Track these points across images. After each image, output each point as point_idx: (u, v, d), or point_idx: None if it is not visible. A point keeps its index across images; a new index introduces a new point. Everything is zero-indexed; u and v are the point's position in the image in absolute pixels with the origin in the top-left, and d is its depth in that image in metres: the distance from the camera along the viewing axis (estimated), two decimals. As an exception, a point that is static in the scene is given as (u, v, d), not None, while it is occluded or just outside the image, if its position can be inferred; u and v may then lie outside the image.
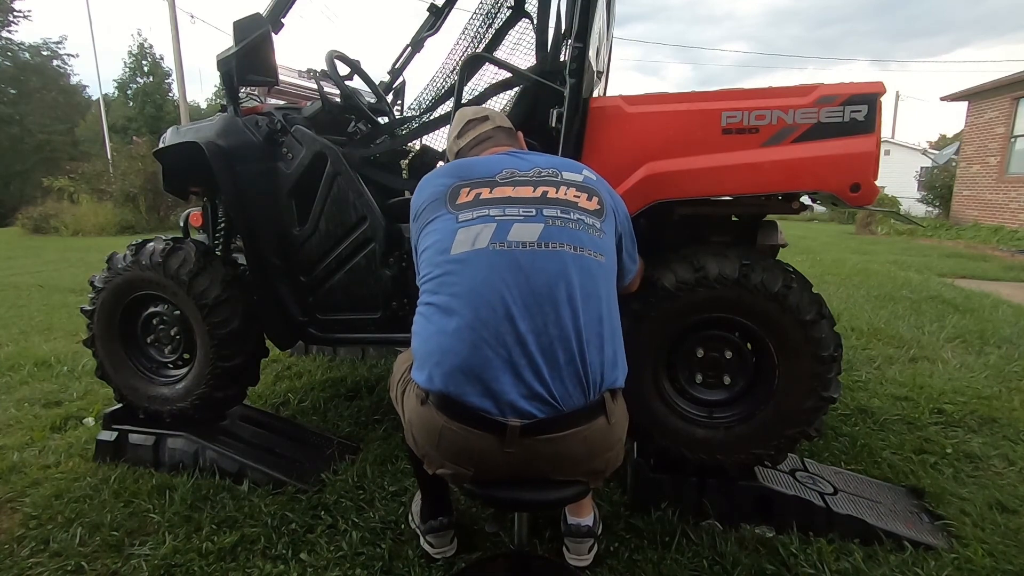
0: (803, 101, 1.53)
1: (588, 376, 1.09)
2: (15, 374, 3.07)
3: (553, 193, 1.18)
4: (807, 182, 1.54)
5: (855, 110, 1.51)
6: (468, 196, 1.18)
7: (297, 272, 2.08)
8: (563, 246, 1.12)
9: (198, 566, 1.53)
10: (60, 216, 12.83)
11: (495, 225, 1.12)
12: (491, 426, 1.06)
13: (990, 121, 11.61)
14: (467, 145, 1.43)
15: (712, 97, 1.58)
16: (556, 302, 1.08)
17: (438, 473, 1.16)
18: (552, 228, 1.13)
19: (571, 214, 1.16)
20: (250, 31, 1.83)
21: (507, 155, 1.31)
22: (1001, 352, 3.31)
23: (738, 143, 1.55)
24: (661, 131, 1.61)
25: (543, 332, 1.07)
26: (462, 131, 1.44)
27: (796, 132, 1.54)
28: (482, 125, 1.43)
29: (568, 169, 1.27)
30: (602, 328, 1.12)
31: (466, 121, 1.45)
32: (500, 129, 1.44)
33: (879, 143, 1.56)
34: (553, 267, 1.10)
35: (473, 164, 1.29)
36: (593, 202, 1.21)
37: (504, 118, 1.49)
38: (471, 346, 1.06)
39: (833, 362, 1.61)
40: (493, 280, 1.08)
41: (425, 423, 1.13)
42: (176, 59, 14.45)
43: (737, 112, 1.55)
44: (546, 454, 1.09)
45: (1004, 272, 6.66)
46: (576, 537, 1.54)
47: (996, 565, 1.54)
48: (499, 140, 1.42)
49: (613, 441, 1.16)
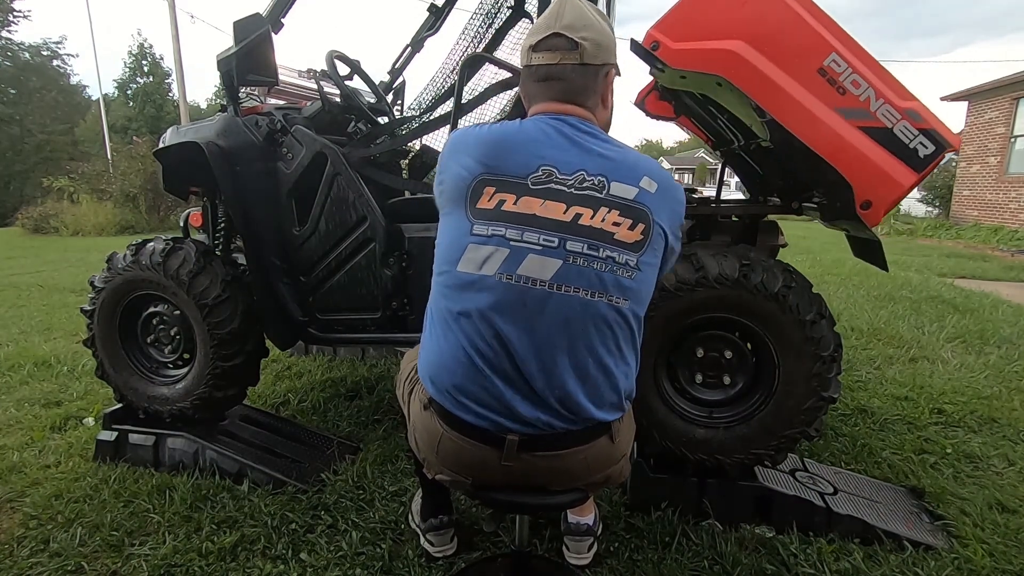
0: (896, 101, 1.48)
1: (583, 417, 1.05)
2: (15, 374, 3.06)
3: (587, 219, 1.00)
4: (843, 166, 1.49)
5: (924, 144, 1.47)
6: (489, 202, 1.02)
7: (297, 272, 2.08)
8: (578, 291, 0.99)
9: (198, 566, 1.53)
10: (60, 216, 12.82)
11: (508, 252, 1.00)
12: (489, 439, 1.04)
13: (990, 121, 11.61)
14: (532, 72, 1.11)
15: (837, 33, 1.50)
16: (554, 348, 1.01)
17: (437, 479, 1.15)
18: (571, 267, 0.99)
19: (600, 251, 1.00)
20: (250, 31, 1.83)
21: (559, 132, 1.06)
22: (1001, 352, 3.32)
23: (820, 89, 1.48)
24: (772, 24, 1.50)
25: (540, 372, 1.01)
26: (540, 43, 1.08)
27: (868, 121, 1.48)
28: (566, 55, 1.07)
29: (621, 177, 1.03)
30: (610, 373, 1.05)
31: (551, 33, 1.07)
32: (584, 71, 1.08)
33: (917, 184, 1.52)
34: (558, 314, 1.00)
35: (511, 147, 1.05)
36: (636, 231, 1.01)
37: (607, 45, 1.09)
38: (467, 369, 1.03)
39: (833, 362, 1.61)
40: (494, 314, 1.00)
41: (427, 428, 1.12)
42: (176, 59, 14.45)
43: (844, 64, 1.46)
44: (544, 469, 1.08)
45: (1004, 272, 6.66)
46: (576, 536, 1.54)
47: (996, 565, 1.54)
48: (570, 89, 1.08)
49: (616, 457, 1.13)
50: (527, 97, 1.15)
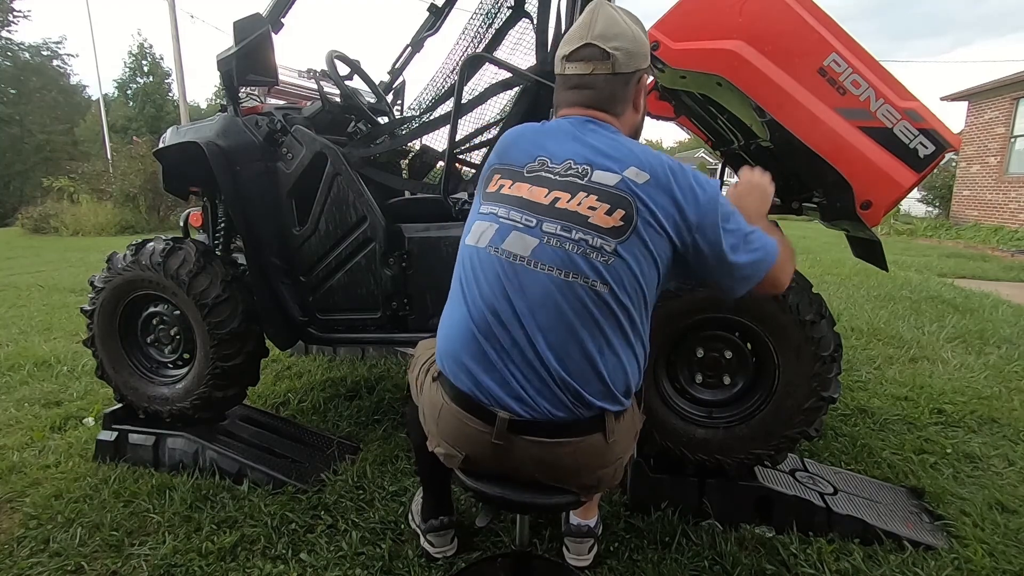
0: (896, 101, 1.47)
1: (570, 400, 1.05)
2: (15, 374, 3.06)
3: (564, 202, 1.04)
4: (843, 166, 1.49)
5: (924, 144, 1.47)
6: (495, 186, 1.13)
7: (297, 272, 2.08)
8: (551, 270, 1.03)
9: (198, 566, 1.53)
10: (60, 216, 12.80)
11: (497, 227, 1.09)
12: (482, 414, 1.08)
13: (990, 121, 11.61)
14: (564, 80, 1.15)
15: (837, 33, 1.49)
16: (534, 327, 1.04)
17: (435, 452, 1.18)
18: (545, 247, 1.03)
19: (572, 232, 1.03)
20: (250, 31, 1.83)
21: (567, 128, 1.12)
22: (1001, 352, 3.32)
23: (820, 89, 1.48)
24: (773, 24, 1.50)
25: (527, 347, 1.04)
26: (573, 54, 1.11)
27: (868, 121, 1.48)
28: (599, 65, 1.10)
29: (605, 166, 1.05)
30: (593, 359, 1.04)
31: (584, 44, 1.09)
32: (614, 80, 1.11)
33: (917, 184, 1.52)
34: (538, 289, 1.03)
35: (521, 142, 1.15)
36: (614, 217, 1.02)
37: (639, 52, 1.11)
38: (466, 339, 1.09)
39: (833, 362, 1.61)
40: (485, 284, 1.08)
41: (432, 399, 1.18)
42: (176, 59, 14.44)
43: (844, 63, 1.46)
44: (533, 457, 1.08)
45: (1004, 272, 6.67)
46: (576, 537, 1.54)
47: (996, 565, 1.54)
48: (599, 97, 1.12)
49: (609, 459, 1.12)
50: (557, 103, 1.20)
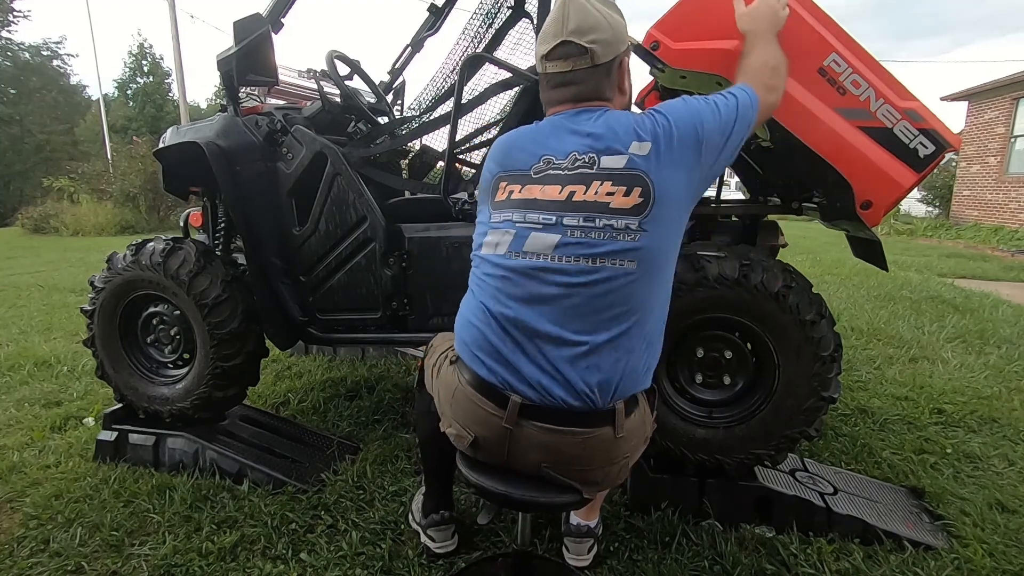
0: (896, 101, 1.47)
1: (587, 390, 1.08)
2: (15, 374, 3.06)
3: (581, 194, 1.07)
4: (843, 166, 1.49)
5: (924, 144, 1.47)
6: (503, 194, 1.15)
7: (297, 272, 2.08)
8: (579, 260, 1.06)
9: (198, 566, 1.53)
10: (60, 216, 12.80)
11: (514, 232, 1.11)
12: (496, 397, 1.11)
13: (990, 121, 11.61)
14: (547, 79, 1.17)
15: (837, 33, 1.49)
16: (560, 317, 1.07)
17: (446, 432, 1.22)
18: (569, 240, 1.07)
19: (596, 221, 1.06)
20: (250, 31, 1.83)
21: (561, 124, 1.14)
22: (1001, 352, 3.32)
23: (820, 89, 1.48)
24: None
25: (548, 339, 1.08)
26: (551, 52, 1.13)
27: (868, 121, 1.48)
28: (578, 61, 1.11)
29: (609, 150, 1.07)
30: (615, 342, 1.08)
31: (560, 42, 1.11)
32: (596, 71, 1.12)
33: (917, 184, 1.52)
34: (562, 279, 1.07)
35: (518, 147, 1.17)
36: (633, 196, 1.05)
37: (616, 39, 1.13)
38: (483, 328, 1.13)
39: (833, 362, 1.61)
40: (507, 287, 1.11)
41: (447, 381, 1.22)
42: (176, 59, 14.44)
43: (844, 64, 1.46)
44: (541, 444, 1.10)
45: (1004, 272, 6.66)
46: (576, 537, 1.54)
47: (996, 565, 1.54)
48: (585, 91, 1.14)
49: (616, 455, 1.13)
50: (545, 102, 1.21)
